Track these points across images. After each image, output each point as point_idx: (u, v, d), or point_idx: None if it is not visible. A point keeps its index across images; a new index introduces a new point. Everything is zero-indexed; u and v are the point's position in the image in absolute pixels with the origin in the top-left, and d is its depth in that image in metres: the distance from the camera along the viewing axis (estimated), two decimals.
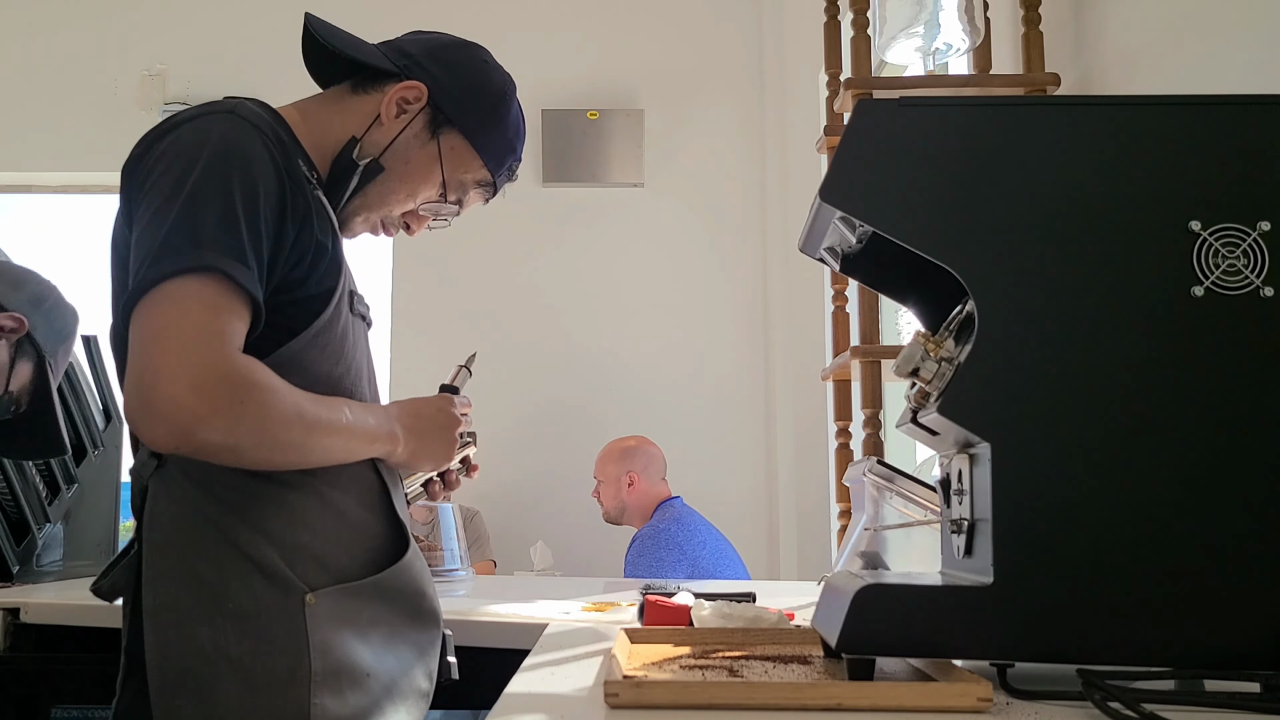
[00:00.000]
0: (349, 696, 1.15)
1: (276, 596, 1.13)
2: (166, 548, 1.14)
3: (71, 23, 4.59)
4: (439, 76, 1.32)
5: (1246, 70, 1.43)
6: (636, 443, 3.64)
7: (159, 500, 1.15)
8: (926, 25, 1.96)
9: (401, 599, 1.23)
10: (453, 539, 2.38)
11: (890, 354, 2.10)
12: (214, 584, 1.12)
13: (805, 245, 1.08)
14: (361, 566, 1.20)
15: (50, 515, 2.06)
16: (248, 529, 1.13)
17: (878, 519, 1.62)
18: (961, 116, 0.89)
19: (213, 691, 1.10)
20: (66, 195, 4.66)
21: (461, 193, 1.35)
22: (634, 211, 4.54)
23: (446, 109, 1.32)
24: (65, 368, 1.86)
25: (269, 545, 1.13)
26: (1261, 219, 0.85)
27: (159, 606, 1.13)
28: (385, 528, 1.23)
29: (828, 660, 0.99)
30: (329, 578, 1.16)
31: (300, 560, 1.15)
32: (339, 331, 1.22)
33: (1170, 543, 0.83)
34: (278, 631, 1.12)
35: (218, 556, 1.13)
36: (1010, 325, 0.86)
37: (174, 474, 1.15)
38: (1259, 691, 0.80)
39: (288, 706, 1.11)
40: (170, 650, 1.12)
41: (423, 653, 1.28)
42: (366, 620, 1.19)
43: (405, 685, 1.23)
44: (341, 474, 1.20)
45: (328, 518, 1.18)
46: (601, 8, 4.61)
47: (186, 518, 1.14)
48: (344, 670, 1.15)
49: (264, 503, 1.14)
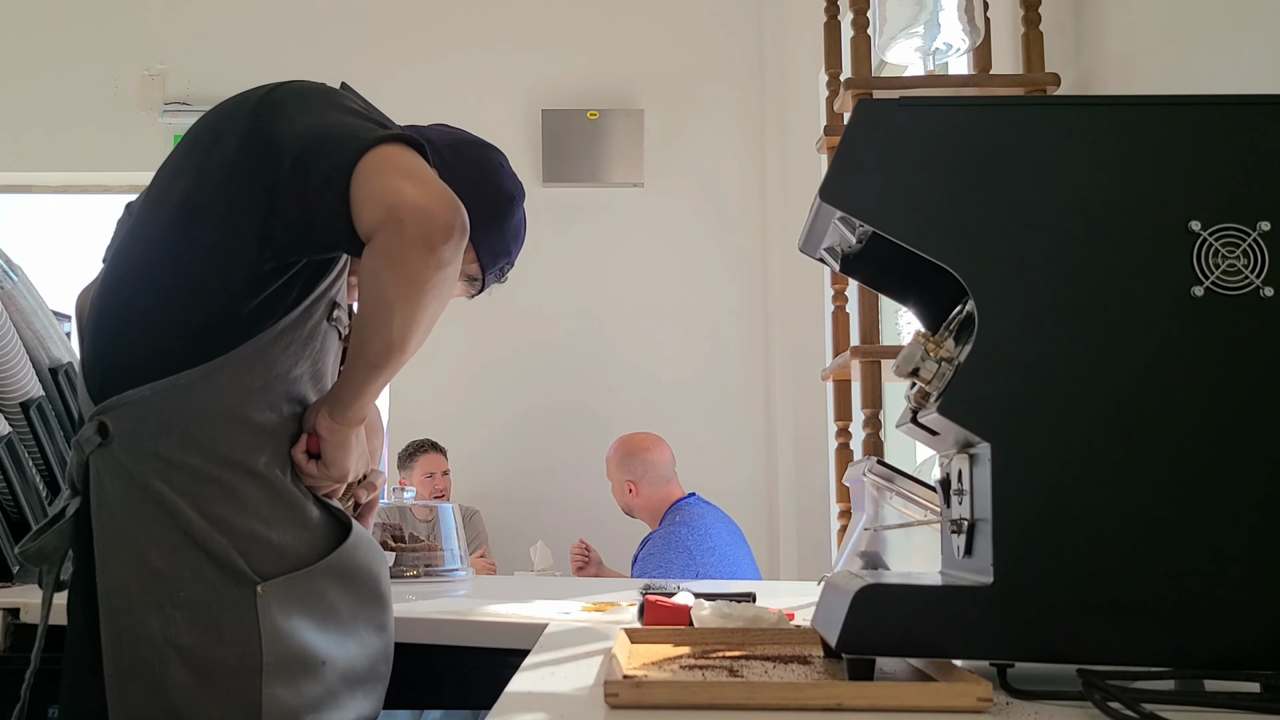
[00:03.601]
0: (302, 685, 1.16)
1: (228, 587, 1.15)
2: (116, 531, 1.15)
3: (71, 23, 4.59)
4: (451, 166, 1.36)
5: (1246, 70, 1.43)
6: (637, 447, 3.53)
7: (103, 478, 1.17)
8: (926, 25, 1.96)
9: (355, 579, 1.25)
10: (452, 539, 2.38)
11: (890, 354, 2.10)
12: (164, 572, 1.14)
13: (805, 245, 1.08)
14: (314, 554, 1.21)
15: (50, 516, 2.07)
16: (200, 518, 1.15)
17: (878, 519, 1.62)
18: (961, 116, 0.89)
19: (164, 680, 1.12)
20: (66, 195, 4.66)
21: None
22: (634, 211, 4.54)
23: None
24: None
25: (221, 535, 1.15)
26: (1261, 219, 0.85)
27: (110, 591, 1.15)
28: (324, 512, 1.25)
29: (828, 660, 0.99)
30: (283, 565, 1.18)
31: (253, 550, 1.16)
32: (308, 329, 1.23)
33: (1170, 543, 0.83)
34: (228, 621, 1.14)
35: (169, 545, 1.14)
36: (1010, 325, 0.86)
37: (120, 453, 1.16)
38: (1259, 691, 0.80)
39: (239, 696, 1.13)
40: (122, 637, 1.14)
41: (382, 636, 1.30)
42: (324, 607, 1.21)
43: (365, 671, 1.25)
44: (288, 461, 1.22)
45: (279, 505, 1.19)
46: (601, 8, 4.61)
47: (136, 501, 1.15)
48: (297, 659, 1.17)
49: (215, 490, 1.16)
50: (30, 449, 2.03)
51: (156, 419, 1.16)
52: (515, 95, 4.58)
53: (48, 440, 2.06)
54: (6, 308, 1.98)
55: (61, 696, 1.21)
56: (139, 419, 1.16)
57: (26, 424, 2.01)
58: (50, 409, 2.07)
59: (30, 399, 2.02)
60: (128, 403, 1.16)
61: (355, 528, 1.26)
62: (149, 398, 1.16)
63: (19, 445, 1.98)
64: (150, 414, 1.16)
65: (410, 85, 4.39)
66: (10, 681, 1.72)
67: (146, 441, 1.16)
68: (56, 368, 2.11)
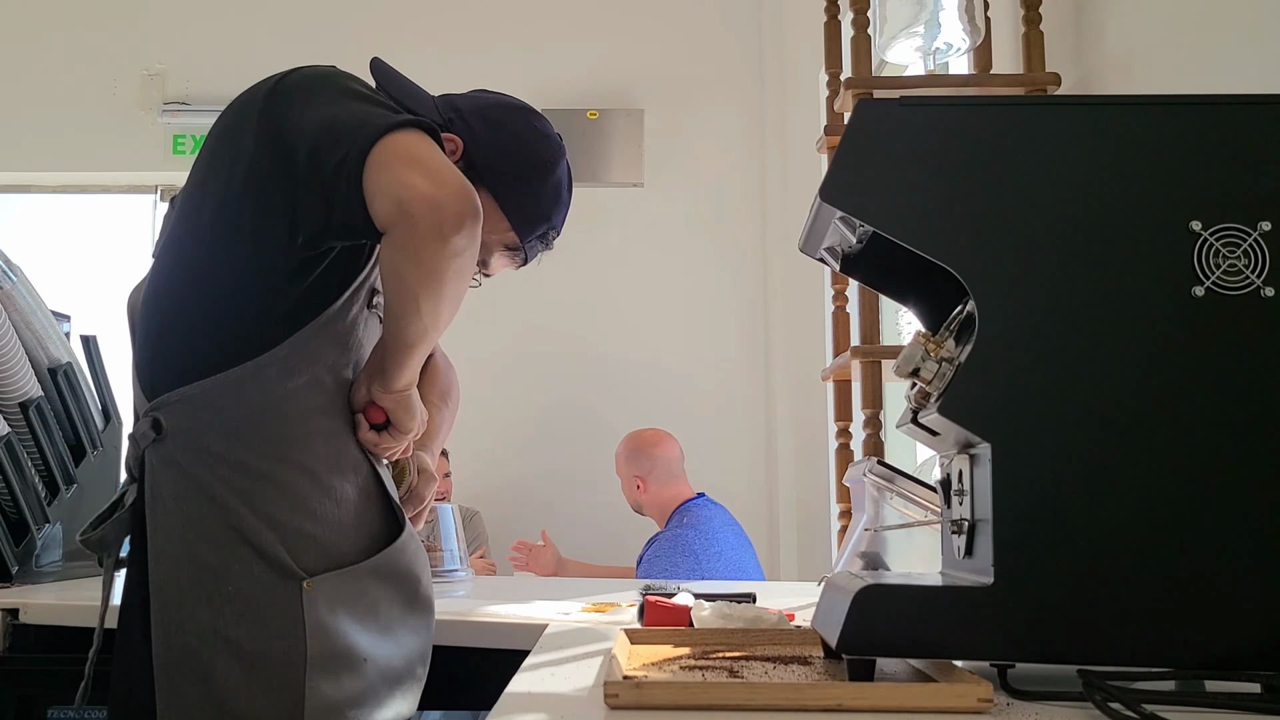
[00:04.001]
0: (344, 680, 1.17)
1: (275, 581, 1.16)
2: (168, 524, 1.17)
3: (71, 23, 4.59)
4: (480, 133, 1.36)
5: (1246, 70, 1.43)
6: (645, 443, 3.51)
7: (158, 472, 1.18)
8: (927, 25, 1.96)
9: (398, 582, 1.26)
10: (452, 539, 2.38)
11: (890, 354, 2.10)
12: (214, 566, 1.15)
13: (805, 245, 1.08)
14: (359, 552, 1.22)
15: (49, 516, 2.06)
16: (250, 514, 1.16)
17: (878, 519, 1.62)
18: (961, 116, 0.89)
19: (212, 671, 1.14)
20: (65, 195, 4.66)
21: (485, 252, 1.37)
22: (634, 211, 4.53)
23: (479, 165, 1.35)
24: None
25: (270, 531, 1.16)
26: (1262, 219, 0.85)
27: (162, 583, 1.16)
28: (380, 513, 1.26)
29: (828, 661, 0.99)
30: (328, 563, 1.19)
31: (300, 546, 1.17)
32: (349, 321, 1.23)
33: (1170, 543, 0.83)
34: (275, 615, 1.15)
35: (219, 540, 1.15)
36: (1010, 325, 0.85)
37: (173, 448, 1.18)
38: (1259, 692, 0.80)
39: (284, 688, 1.14)
40: (172, 628, 1.15)
41: (421, 638, 1.30)
42: (365, 605, 1.21)
43: (404, 670, 1.26)
44: (339, 461, 1.22)
45: (327, 504, 1.20)
46: (601, 8, 4.61)
47: (189, 497, 1.17)
48: (340, 655, 1.17)
49: (266, 487, 1.17)
50: (29, 449, 2.03)
51: (207, 416, 1.17)
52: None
53: (46, 440, 2.06)
54: (6, 308, 1.98)
55: (111, 692, 1.22)
56: (190, 415, 1.18)
57: (25, 424, 2.02)
58: (49, 409, 2.07)
59: (29, 399, 2.02)
60: (179, 399, 1.18)
61: (405, 530, 1.27)
62: (198, 395, 1.18)
63: (18, 446, 1.98)
64: (201, 411, 1.18)
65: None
66: (10, 681, 1.72)
67: (198, 438, 1.17)
68: (55, 368, 2.11)
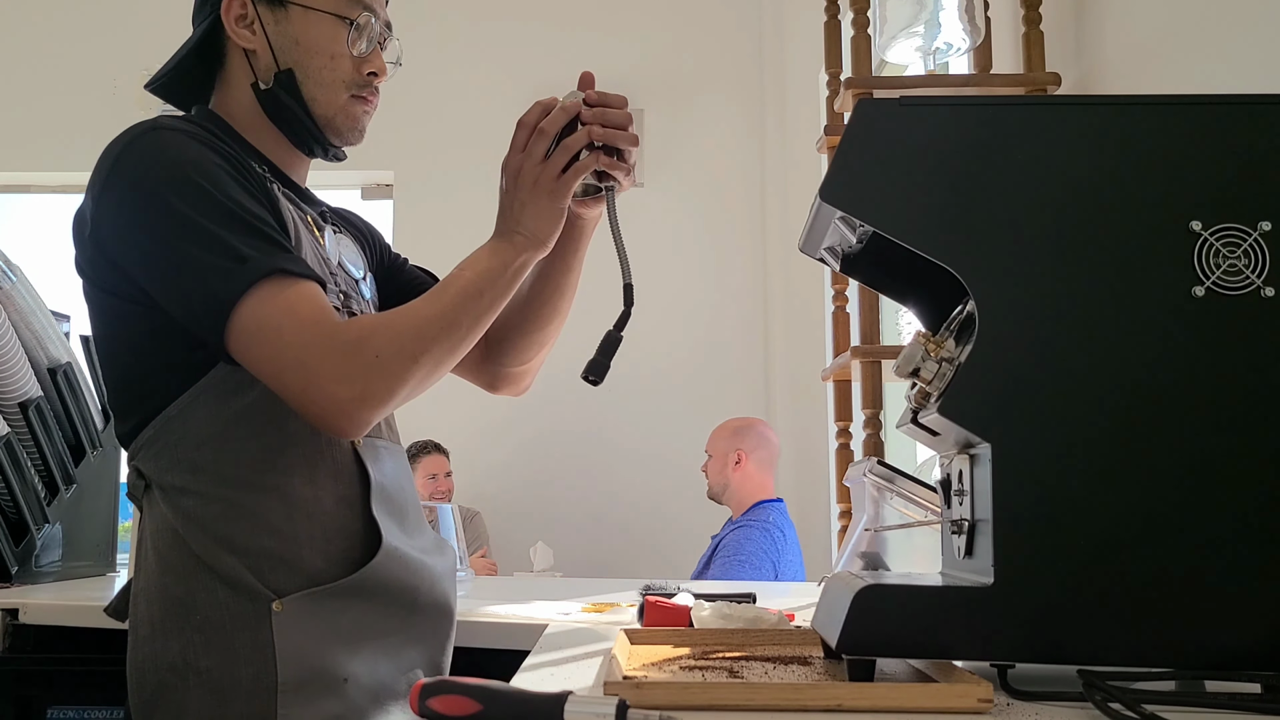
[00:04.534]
0: (322, 703, 1.13)
1: (242, 605, 1.13)
2: (148, 566, 1.17)
3: (71, 23, 4.59)
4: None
5: (1246, 70, 1.43)
6: (754, 422, 3.49)
7: (144, 519, 1.20)
8: (927, 25, 1.96)
9: (389, 597, 1.21)
10: (452, 539, 2.38)
11: (890, 354, 2.10)
12: (181, 597, 1.14)
13: (805, 245, 1.08)
14: (338, 567, 1.17)
15: (49, 516, 2.06)
16: (207, 539, 1.14)
17: (878, 519, 1.62)
18: (961, 116, 0.89)
19: (185, 704, 1.12)
20: (65, 195, 4.65)
21: (353, 12, 1.29)
22: (634, 211, 4.52)
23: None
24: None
25: (230, 555, 1.13)
26: (1262, 219, 0.85)
27: (137, 622, 1.16)
28: (364, 525, 1.21)
29: (828, 661, 0.99)
30: (301, 581, 1.15)
31: (266, 567, 1.14)
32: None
33: (1170, 543, 0.82)
34: (243, 641, 1.12)
35: (185, 571, 1.14)
36: (1010, 325, 0.85)
37: (155, 493, 1.18)
38: (1259, 692, 0.79)
39: (255, 716, 1.11)
40: (145, 665, 1.14)
41: (428, 645, 1.27)
42: (348, 622, 1.17)
43: (401, 683, 1.22)
44: (319, 470, 1.18)
45: (295, 519, 1.16)
46: (601, 8, 4.61)
47: (162, 535, 1.16)
48: (316, 678, 1.13)
49: (225, 509, 1.14)
50: (29, 449, 2.03)
51: (165, 454, 1.17)
52: (515, 95, 4.57)
53: (46, 440, 2.06)
54: (5, 308, 1.98)
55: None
56: (154, 457, 1.18)
57: (25, 424, 2.01)
58: (49, 409, 2.07)
59: (29, 399, 2.01)
60: (142, 445, 1.19)
61: (384, 545, 1.19)
62: (153, 437, 1.18)
63: (18, 446, 1.98)
64: (160, 451, 1.18)
65: (409, 85, 4.38)
66: (10, 681, 1.72)
67: (165, 476, 1.17)
68: (55, 368, 2.11)
